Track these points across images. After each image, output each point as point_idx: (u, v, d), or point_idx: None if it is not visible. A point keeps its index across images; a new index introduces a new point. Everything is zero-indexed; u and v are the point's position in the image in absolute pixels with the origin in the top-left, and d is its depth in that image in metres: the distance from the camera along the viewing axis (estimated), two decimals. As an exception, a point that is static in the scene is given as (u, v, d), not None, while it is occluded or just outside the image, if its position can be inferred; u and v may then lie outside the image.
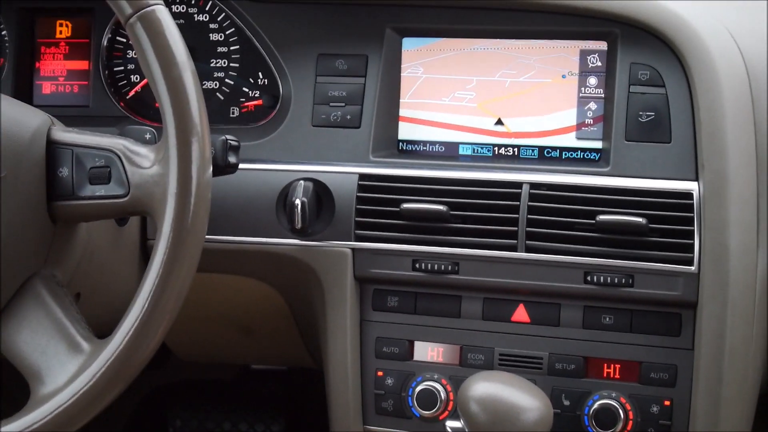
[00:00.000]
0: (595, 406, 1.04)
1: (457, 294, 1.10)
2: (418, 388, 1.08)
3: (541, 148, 1.12)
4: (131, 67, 1.25)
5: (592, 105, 1.10)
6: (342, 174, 1.11)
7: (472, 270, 1.07)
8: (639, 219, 1.01)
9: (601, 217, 1.02)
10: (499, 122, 1.12)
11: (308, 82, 1.17)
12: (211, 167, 0.87)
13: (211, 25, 1.21)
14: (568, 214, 1.04)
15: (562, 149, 1.11)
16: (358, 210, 1.09)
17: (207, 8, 1.22)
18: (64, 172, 0.90)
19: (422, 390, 1.08)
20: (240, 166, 1.03)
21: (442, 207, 1.05)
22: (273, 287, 1.22)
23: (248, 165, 1.10)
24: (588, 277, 1.04)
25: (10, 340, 0.89)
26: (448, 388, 1.08)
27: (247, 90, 1.21)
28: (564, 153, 1.11)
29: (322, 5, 1.19)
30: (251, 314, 1.32)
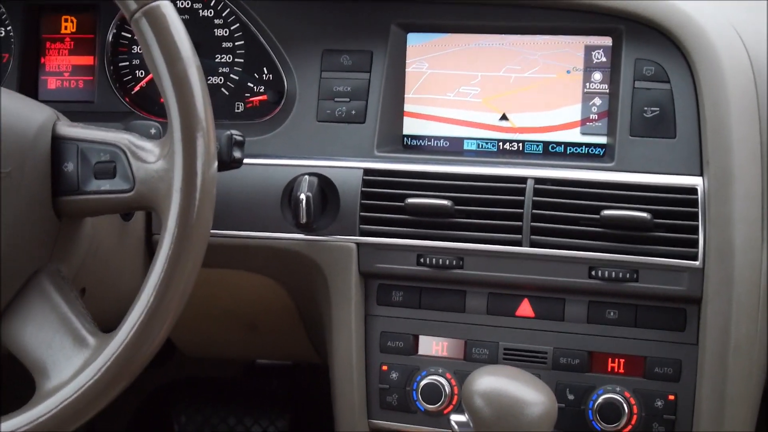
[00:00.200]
0: (599, 400, 1.04)
1: (462, 289, 1.10)
2: (423, 383, 1.09)
3: (546, 144, 1.12)
4: (136, 62, 1.26)
5: (597, 100, 1.11)
6: (347, 169, 1.12)
7: (476, 265, 1.08)
8: (644, 214, 1.01)
9: (606, 212, 1.02)
10: (504, 117, 1.13)
11: (313, 77, 1.17)
12: (216, 162, 0.88)
13: (216, 21, 1.22)
14: (572, 209, 1.05)
15: (567, 144, 1.12)
16: (362, 205, 1.09)
17: (212, 4, 1.22)
18: (69, 167, 0.90)
19: (427, 384, 1.08)
20: (245, 161, 1.03)
21: (446, 202, 1.06)
22: (278, 282, 1.23)
23: (253, 160, 1.10)
24: (592, 272, 1.04)
25: (15, 335, 0.90)
26: (453, 382, 1.08)
27: (251, 85, 1.21)
28: (569, 148, 1.12)
29: (327, 1, 1.19)
30: (256, 310, 1.32)
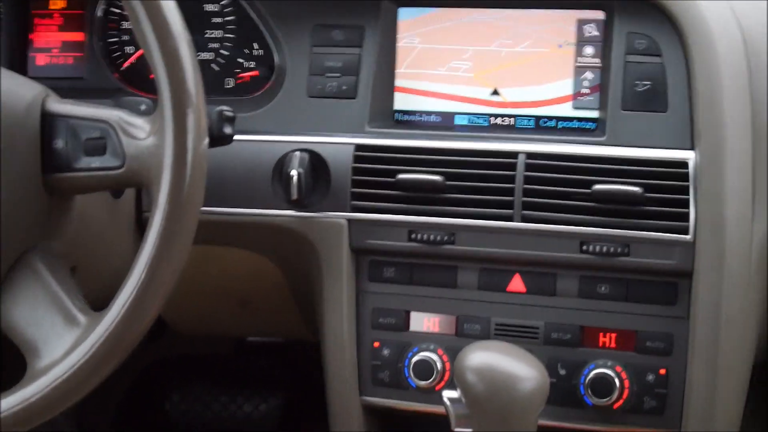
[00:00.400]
0: (591, 375, 1.05)
1: (453, 264, 1.11)
2: (415, 359, 1.09)
3: (538, 118, 1.12)
4: (126, 38, 1.25)
5: (589, 74, 1.10)
6: (338, 145, 1.12)
7: (468, 240, 1.08)
8: (635, 188, 1.02)
9: (598, 186, 1.02)
10: (495, 92, 1.13)
11: (304, 52, 1.17)
12: (207, 138, 0.87)
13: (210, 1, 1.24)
14: (564, 183, 1.05)
15: (559, 119, 1.11)
16: (353, 181, 1.10)
17: None
18: (59, 143, 0.90)
19: (418, 360, 1.09)
20: (235, 137, 1.03)
21: (438, 177, 1.06)
22: (269, 259, 1.23)
23: (243, 136, 1.10)
24: (584, 247, 1.05)
25: (6, 314, 0.90)
26: (444, 358, 1.09)
27: (242, 61, 1.21)
28: (560, 123, 1.12)
29: None
30: (247, 287, 1.32)
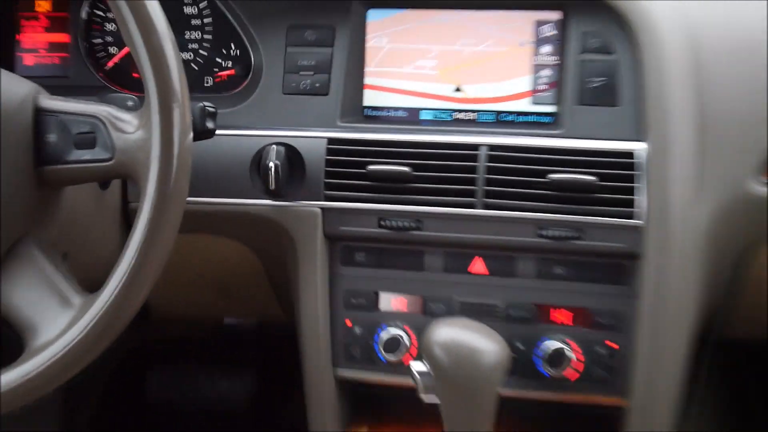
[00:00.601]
0: (547, 349, 1.10)
1: (420, 249, 1.15)
2: (384, 336, 1.14)
3: (498, 113, 1.16)
4: (109, 39, 1.27)
5: (546, 72, 1.15)
6: (312, 138, 1.15)
7: (433, 226, 1.12)
8: (589, 177, 1.07)
9: (554, 175, 1.07)
10: (458, 89, 1.17)
11: (279, 52, 1.20)
12: (191, 132, 0.91)
13: (188, 2, 1.26)
14: (522, 173, 1.10)
15: (518, 113, 1.16)
16: (327, 172, 1.13)
17: None
18: (51, 138, 0.93)
19: (387, 337, 1.14)
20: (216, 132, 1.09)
21: (405, 168, 1.10)
22: (247, 246, 1.26)
23: (223, 131, 1.13)
24: (541, 232, 1.09)
25: (4, 297, 0.92)
26: (411, 334, 1.14)
27: (220, 60, 1.25)
28: (519, 117, 1.16)
29: None
30: (227, 273, 1.35)
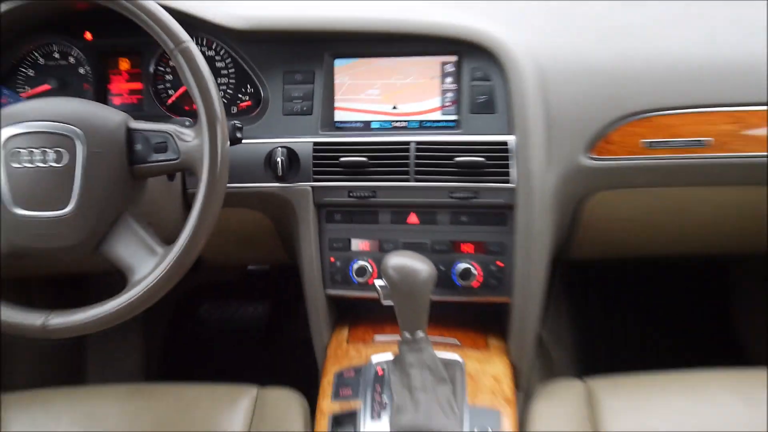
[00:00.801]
0: (459, 269, 1.31)
1: (375, 210, 1.32)
2: (355, 266, 1.33)
3: (421, 121, 1.33)
4: (168, 85, 1.40)
5: (450, 94, 1.31)
6: (303, 143, 1.31)
7: (383, 195, 1.30)
8: (479, 158, 1.24)
9: (458, 158, 1.25)
10: (395, 107, 1.34)
11: (278, 88, 1.34)
12: (228, 140, 1.06)
13: (216, 58, 1.37)
14: (438, 158, 1.26)
15: (433, 121, 1.33)
16: (313, 163, 1.29)
17: (213, 47, 1.36)
18: (138, 146, 1.08)
19: (357, 267, 1.33)
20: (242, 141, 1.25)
21: (363, 158, 1.28)
22: (264, 214, 1.40)
23: (247, 140, 1.29)
24: (451, 194, 1.27)
25: (114, 250, 1.10)
26: (373, 264, 1.33)
27: (240, 96, 1.38)
28: (434, 123, 1.32)
29: (285, 44, 1.34)
30: (250, 233, 1.46)
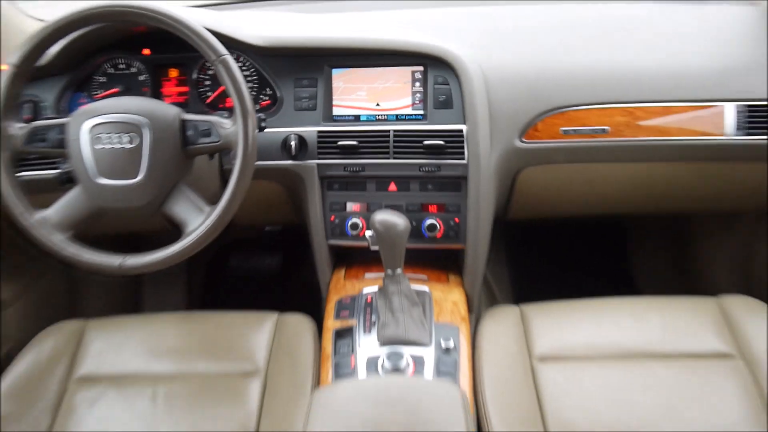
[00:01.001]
0: (426, 223, 1.33)
1: (363, 180, 1.34)
2: (349, 222, 1.35)
3: (397, 115, 1.34)
4: (207, 87, 1.41)
5: (418, 94, 1.33)
6: (310, 131, 1.32)
7: (370, 169, 1.32)
8: (441, 141, 1.27)
9: (426, 141, 1.28)
10: (378, 104, 1.35)
11: (290, 90, 1.35)
12: (256, 129, 1.09)
13: (243, 68, 1.37)
14: (410, 142, 1.29)
15: (406, 114, 1.34)
16: (318, 146, 1.31)
17: (241, 59, 1.36)
18: (189, 132, 1.10)
19: (351, 223, 1.35)
20: (266, 129, 1.29)
21: (355, 142, 1.30)
22: (280, 184, 1.41)
23: (268, 129, 1.32)
24: (420, 169, 1.30)
25: (172, 209, 1.11)
26: (362, 221, 1.35)
27: (262, 96, 1.38)
28: (407, 116, 1.34)
29: (295, 57, 1.35)
30: (269, 199, 1.46)
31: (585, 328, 1.21)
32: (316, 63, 1.34)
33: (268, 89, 1.38)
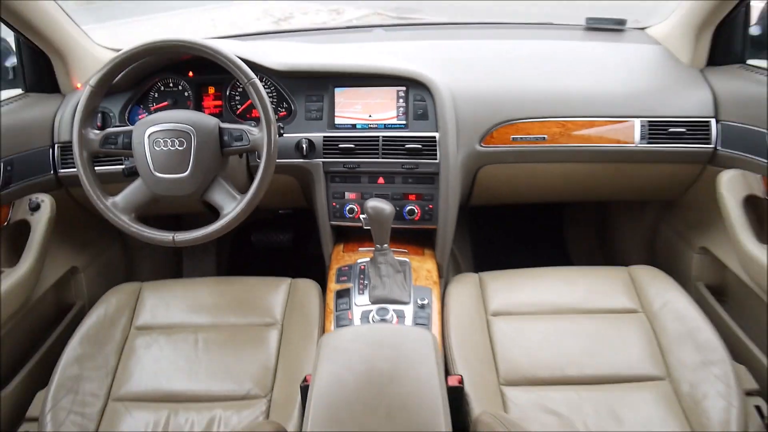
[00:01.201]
0: (407, 209, 1.33)
1: (359, 175, 1.33)
2: (347, 207, 1.35)
3: (386, 124, 1.33)
4: (237, 101, 1.40)
5: (402, 108, 1.32)
6: (317, 136, 1.32)
7: (364, 166, 1.32)
8: (418, 145, 1.28)
9: (407, 145, 1.29)
10: (370, 116, 1.34)
11: (302, 104, 1.35)
12: (278, 134, 1.10)
13: (265, 87, 1.37)
14: (395, 145, 1.29)
15: (392, 124, 1.33)
16: (324, 148, 1.31)
17: (263, 80, 1.36)
18: (225, 138, 1.10)
19: (348, 207, 1.35)
20: (284, 135, 1.31)
21: (352, 145, 1.30)
22: (293, 177, 1.39)
23: (285, 134, 1.32)
24: (403, 167, 1.30)
25: (212, 196, 1.11)
26: (357, 206, 1.34)
27: (279, 108, 1.38)
28: (393, 125, 1.33)
29: (305, 78, 1.34)
30: (284, 188, 1.42)
31: (528, 290, 1.22)
32: (322, 83, 1.34)
33: (284, 103, 1.38)
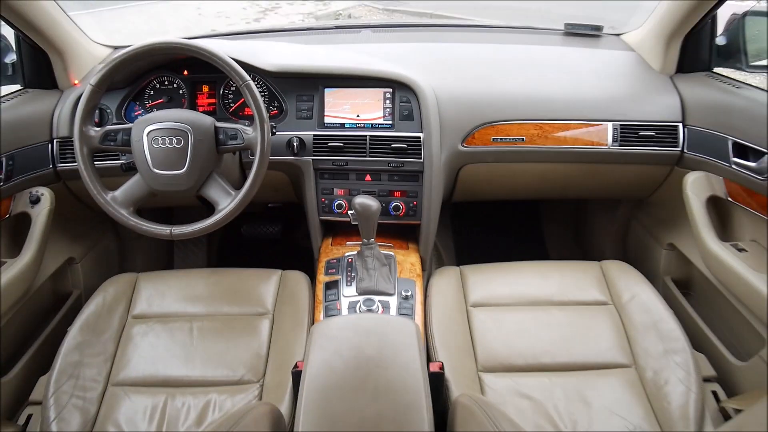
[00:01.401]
0: (393, 205, 1.34)
1: (347, 172, 1.34)
2: (335, 203, 1.35)
3: (372, 124, 1.34)
4: (230, 100, 1.40)
5: (388, 109, 1.33)
6: (308, 134, 1.32)
7: (352, 164, 1.32)
8: (404, 145, 1.28)
9: (393, 145, 1.29)
10: (358, 115, 1.35)
11: (293, 104, 1.35)
12: (270, 133, 1.11)
13: (259, 86, 1.37)
14: (382, 144, 1.30)
15: (379, 124, 1.33)
16: (313, 146, 1.31)
17: (256, 80, 1.36)
18: (221, 136, 1.11)
19: (337, 203, 1.35)
20: (277, 133, 1.31)
21: (341, 143, 1.31)
22: (284, 173, 1.40)
23: (278, 132, 1.33)
24: (389, 165, 1.31)
25: (207, 192, 1.12)
26: (345, 202, 1.35)
27: (272, 107, 1.38)
28: (380, 125, 1.33)
29: (296, 78, 1.34)
30: (276, 183, 1.43)
31: (506, 283, 1.23)
32: (313, 83, 1.34)
33: (276, 102, 1.38)
